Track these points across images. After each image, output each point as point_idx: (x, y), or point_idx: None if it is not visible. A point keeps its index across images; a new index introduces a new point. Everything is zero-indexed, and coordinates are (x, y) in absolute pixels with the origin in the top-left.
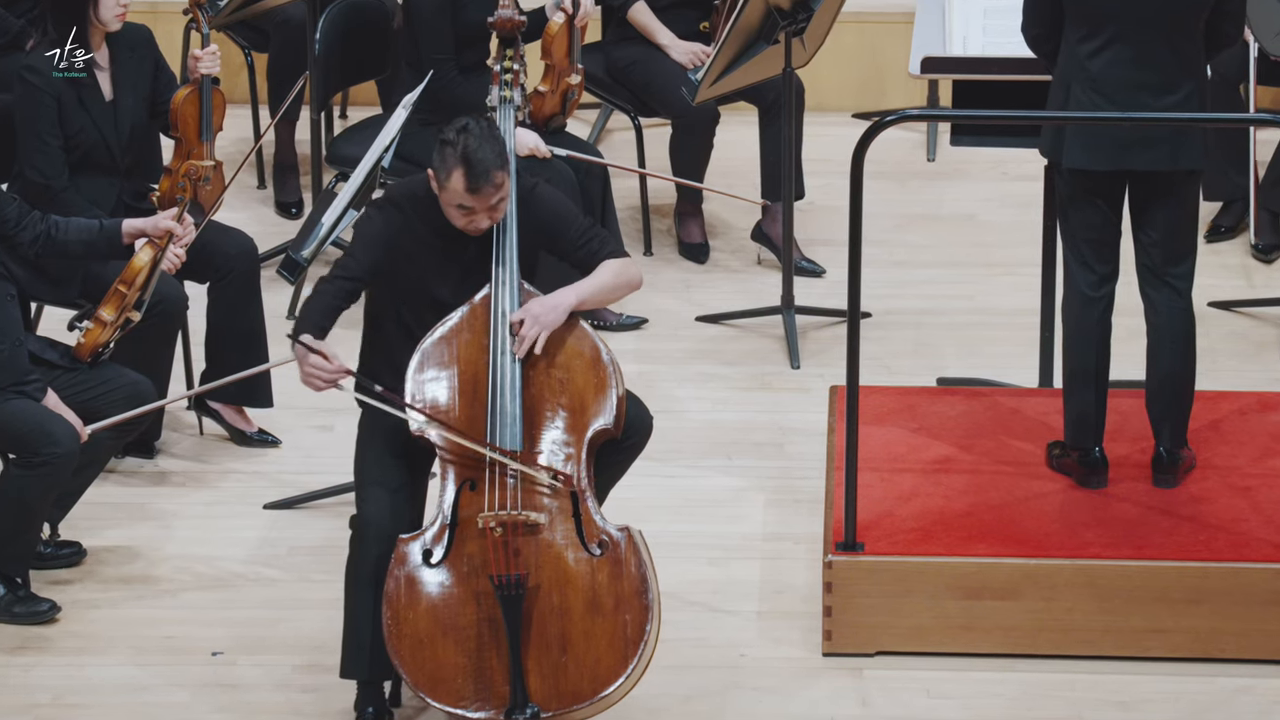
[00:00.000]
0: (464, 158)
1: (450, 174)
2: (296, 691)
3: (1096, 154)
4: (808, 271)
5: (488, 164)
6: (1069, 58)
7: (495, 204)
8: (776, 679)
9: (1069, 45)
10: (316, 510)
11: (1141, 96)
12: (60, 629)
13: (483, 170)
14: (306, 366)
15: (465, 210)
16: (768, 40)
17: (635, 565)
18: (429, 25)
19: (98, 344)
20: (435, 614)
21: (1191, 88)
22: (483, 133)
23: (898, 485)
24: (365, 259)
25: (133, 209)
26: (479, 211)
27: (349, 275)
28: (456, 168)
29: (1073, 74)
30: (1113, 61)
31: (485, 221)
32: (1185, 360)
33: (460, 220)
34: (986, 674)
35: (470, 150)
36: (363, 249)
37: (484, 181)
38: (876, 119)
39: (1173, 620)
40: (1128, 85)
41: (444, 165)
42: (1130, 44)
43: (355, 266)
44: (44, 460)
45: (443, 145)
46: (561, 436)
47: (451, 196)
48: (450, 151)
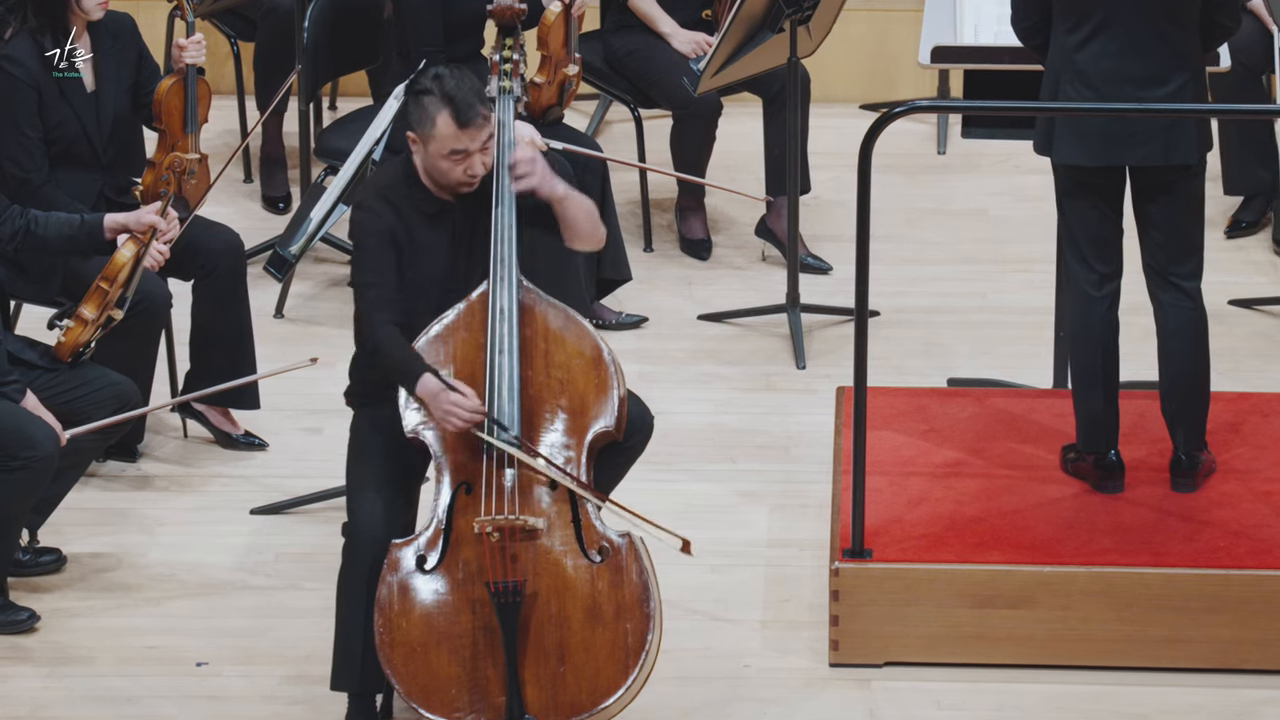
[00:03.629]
0: (447, 97)
1: (435, 119)
2: (285, 704)
3: (1086, 149)
4: (814, 268)
5: (471, 98)
6: (1057, 50)
7: (486, 141)
8: (781, 690)
9: (1057, 37)
10: (305, 515)
11: (1130, 89)
12: (39, 639)
13: (467, 104)
14: (444, 404)
15: (458, 155)
16: (772, 29)
17: (636, 572)
18: (418, 15)
19: (78, 343)
20: (429, 622)
21: (1185, 79)
22: (457, 74)
23: (907, 490)
24: (386, 264)
25: (115, 203)
26: (472, 153)
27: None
28: (441, 110)
29: (1061, 67)
30: (1100, 53)
31: (479, 166)
32: (1197, 361)
33: (455, 171)
34: (999, 685)
35: (450, 89)
36: (378, 255)
37: (472, 114)
38: (885, 110)
39: (1193, 630)
40: (1114, 77)
41: (426, 115)
42: (1118, 34)
43: (381, 272)
44: (23, 464)
45: (419, 96)
46: (561, 438)
47: (441, 144)
48: (430, 99)
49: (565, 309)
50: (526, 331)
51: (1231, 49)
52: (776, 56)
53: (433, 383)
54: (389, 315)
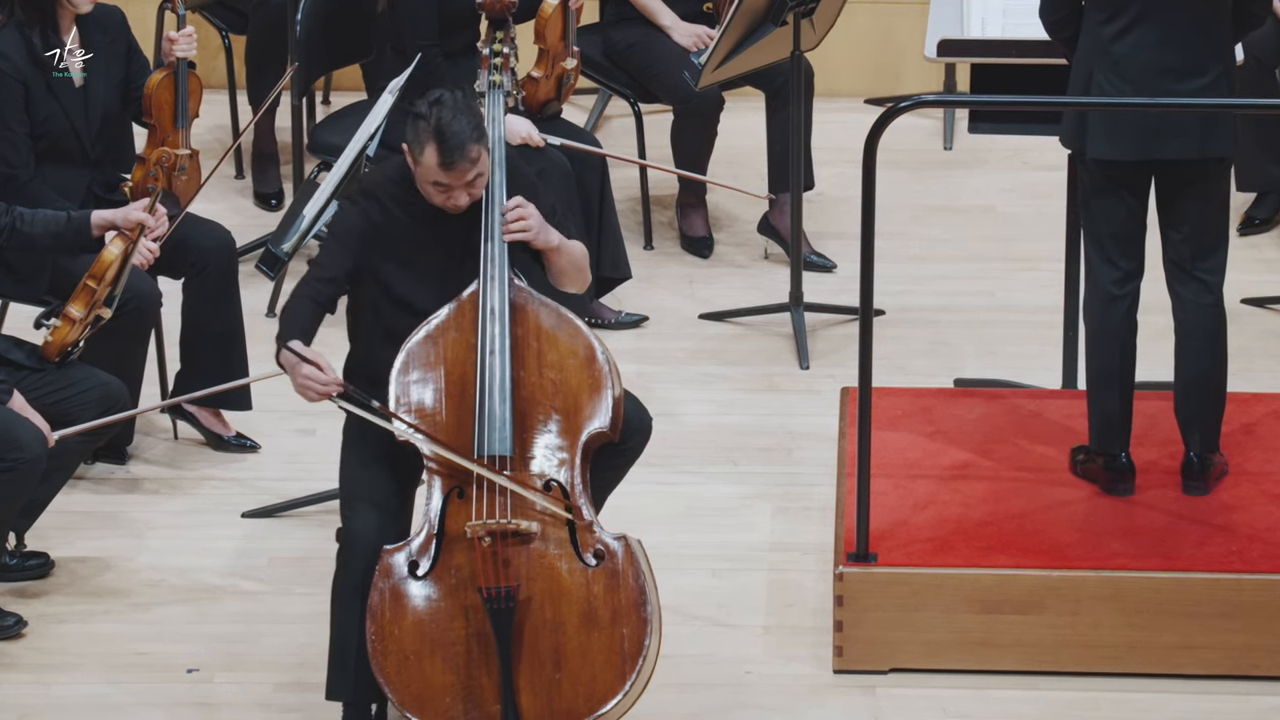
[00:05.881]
0: (437, 132)
1: (424, 149)
2: (277, 711)
3: (1121, 143)
4: (817, 266)
5: (463, 137)
6: (1091, 41)
7: (473, 180)
8: (784, 698)
9: (1090, 28)
10: (298, 519)
11: (1167, 81)
12: (26, 645)
13: (457, 144)
14: (299, 377)
15: (442, 188)
16: (775, 22)
17: (633, 576)
18: (413, 9)
19: (66, 343)
20: (422, 629)
21: (1220, 71)
22: (457, 105)
23: (913, 492)
24: (342, 257)
25: (103, 200)
26: (456, 189)
27: (326, 276)
28: (429, 143)
29: (1095, 59)
30: (1137, 44)
31: (464, 199)
32: (1215, 360)
33: (438, 198)
34: (1007, 692)
35: (444, 124)
36: (339, 246)
37: (458, 157)
38: (890, 105)
39: (1204, 636)
40: (1153, 69)
41: (417, 140)
42: (1155, 25)
43: (332, 266)
44: (9, 466)
45: (415, 119)
46: (555, 440)
47: (426, 173)
48: (423, 125)
49: (558, 308)
50: (518, 331)
51: (1245, 44)
52: (779, 50)
53: (290, 355)
54: (313, 291)
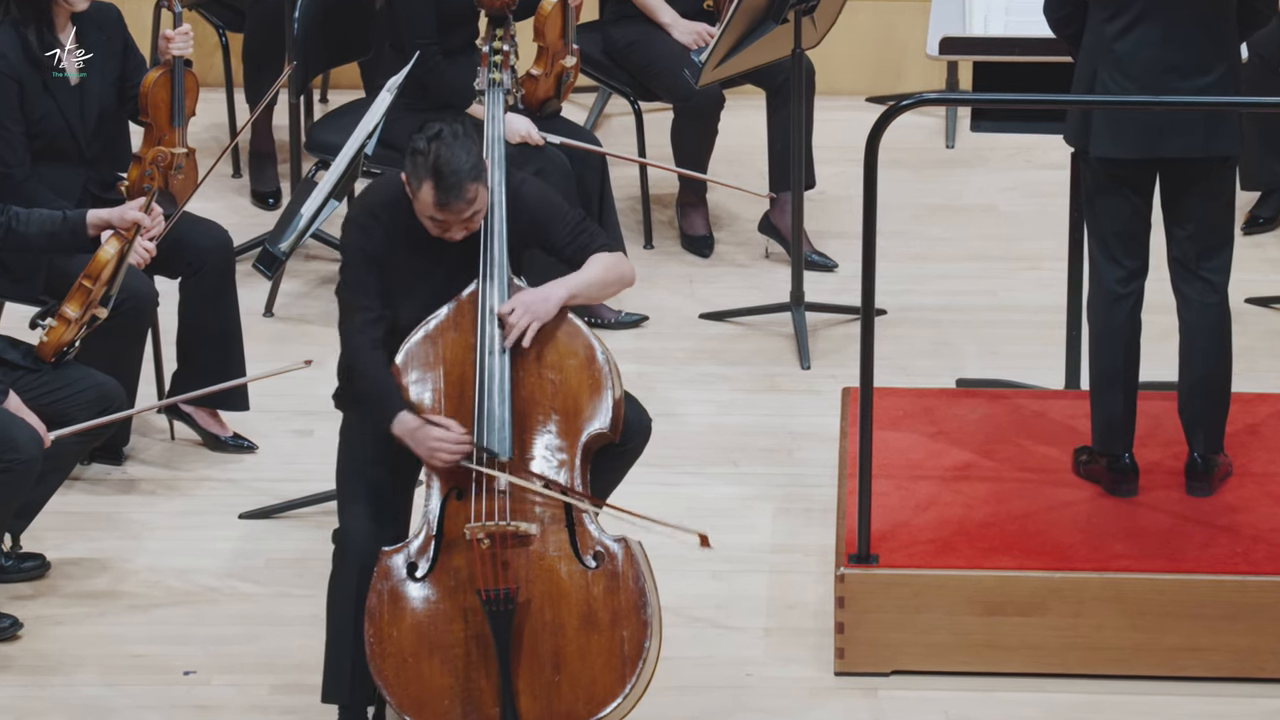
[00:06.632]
0: (434, 170)
1: (421, 185)
2: (274, 714)
3: (1126, 141)
4: (819, 266)
5: (460, 176)
6: (1094, 39)
7: (469, 217)
8: (785, 700)
9: (1094, 25)
10: (295, 520)
11: (1171, 79)
12: (22, 647)
13: (455, 183)
14: (429, 442)
15: (438, 222)
16: (776, 19)
17: (633, 578)
18: (411, 7)
19: (62, 343)
20: (420, 631)
21: (1225, 69)
22: (456, 140)
23: (914, 493)
24: (375, 288)
25: (99, 199)
26: (453, 224)
27: (372, 317)
28: (426, 180)
29: (1099, 57)
30: (1140, 42)
31: (460, 233)
32: (1220, 360)
33: (434, 230)
34: (1010, 694)
35: (441, 161)
36: (365, 271)
37: (454, 196)
38: (892, 103)
39: (1208, 637)
40: (1156, 67)
41: (415, 175)
42: (1157, 23)
43: (371, 300)
44: (5, 467)
45: (414, 155)
46: (554, 441)
47: (423, 208)
48: (421, 161)
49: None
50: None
51: (1250, 42)
52: (780, 48)
53: (410, 419)
54: (374, 337)
